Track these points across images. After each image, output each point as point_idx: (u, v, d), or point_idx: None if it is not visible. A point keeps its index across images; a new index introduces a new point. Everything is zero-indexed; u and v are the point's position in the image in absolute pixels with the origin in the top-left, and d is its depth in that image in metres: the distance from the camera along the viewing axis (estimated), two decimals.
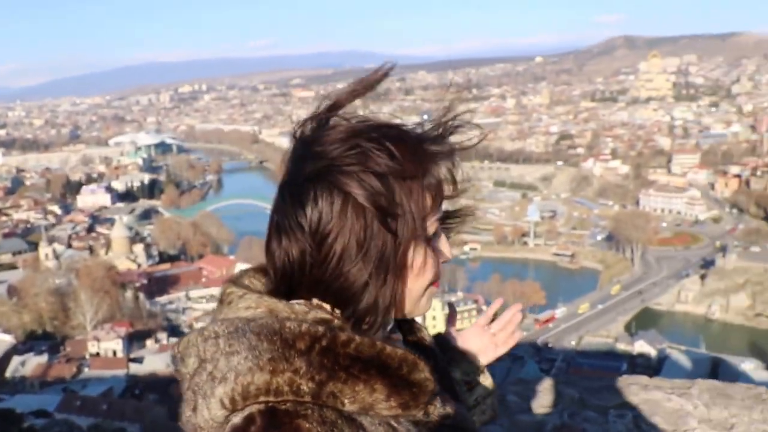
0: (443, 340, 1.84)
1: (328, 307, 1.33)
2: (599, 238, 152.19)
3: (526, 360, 79.03)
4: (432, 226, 1.39)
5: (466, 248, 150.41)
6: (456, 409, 1.36)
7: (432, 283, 1.41)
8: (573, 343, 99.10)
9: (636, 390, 5.67)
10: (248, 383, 1.18)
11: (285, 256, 1.33)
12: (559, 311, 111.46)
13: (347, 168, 1.28)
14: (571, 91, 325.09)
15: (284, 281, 1.35)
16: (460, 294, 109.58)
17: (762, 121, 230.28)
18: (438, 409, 1.31)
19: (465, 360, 1.82)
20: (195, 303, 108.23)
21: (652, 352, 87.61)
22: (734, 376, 71.28)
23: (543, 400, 5.62)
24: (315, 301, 1.33)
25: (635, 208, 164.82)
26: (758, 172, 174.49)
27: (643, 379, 5.97)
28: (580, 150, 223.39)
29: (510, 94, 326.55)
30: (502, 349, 1.92)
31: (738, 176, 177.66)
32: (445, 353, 1.77)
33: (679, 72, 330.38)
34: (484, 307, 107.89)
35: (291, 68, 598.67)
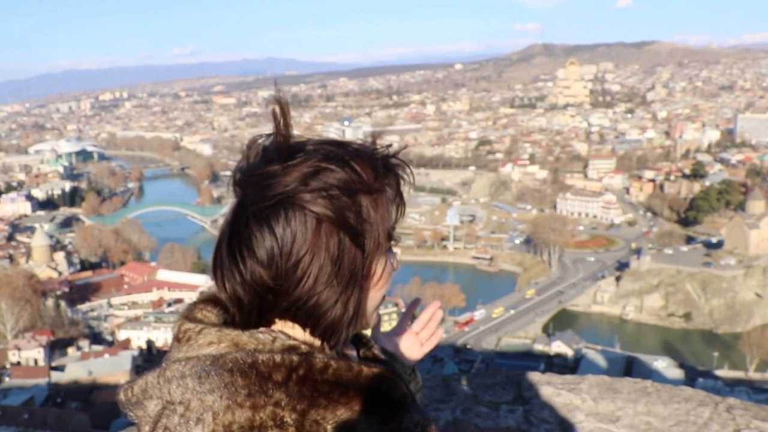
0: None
1: (294, 329, 1.32)
2: (517, 241, 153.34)
3: (446, 361, 79.11)
4: (389, 239, 1.40)
5: None
6: (424, 415, 1.38)
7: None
8: (492, 344, 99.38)
9: (528, 386, 5.74)
10: (230, 422, 1.15)
11: (251, 282, 1.27)
12: (478, 313, 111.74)
13: (314, 188, 1.25)
14: (490, 97, 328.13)
15: (249, 308, 1.31)
16: None
17: (675, 127, 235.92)
18: (409, 418, 1.34)
19: (396, 361, 1.82)
20: (117, 310, 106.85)
21: (569, 352, 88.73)
22: (647, 373, 72.09)
23: (436, 396, 5.55)
24: (277, 326, 1.33)
25: (553, 212, 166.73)
26: (672, 177, 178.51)
27: (535, 375, 5.99)
28: (498, 155, 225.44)
29: (430, 100, 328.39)
30: (427, 347, 1.91)
31: (652, 181, 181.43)
32: None
33: (595, 79, 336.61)
34: (403, 311, 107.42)
35: (212, 75, 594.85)
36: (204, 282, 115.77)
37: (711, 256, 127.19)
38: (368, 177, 1.31)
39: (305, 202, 1.24)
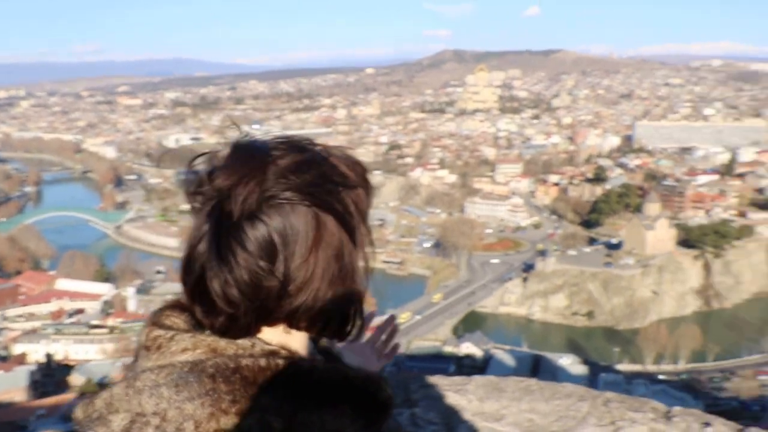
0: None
1: (291, 334, 1.28)
2: (427, 245, 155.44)
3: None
4: (365, 238, 1.32)
5: None
6: (396, 420, 1.46)
7: None
8: (402, 347, 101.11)
9: (415, 388, 5.85)
10: (215, 430, 1.12)
11: (249, 286, 1.18)
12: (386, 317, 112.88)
13: (303, 182, 1.21)
14: (401, 102, 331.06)
15: (245, 314, 1.21)
16: None
17: (579, 133, 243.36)
18: (387, 423, 1.30)
19: None
20: (12, 323, 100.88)
21: (478, 352, 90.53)
22: (554, 371, 75.53)
23: None
24: (265, 333, 1.26)
25: (461, 215, 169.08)
26: (575, 181, 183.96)
27: (423, 377, 6.18)
28: (408, 159, 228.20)
29: (341, 104, 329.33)
30: (384, 361, 1.89)
31: (557, 184, 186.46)
32: None
33: (504, 85, 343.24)
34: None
35: (117, 75, 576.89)
36: (107, 291, 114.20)
37: (611, 256, 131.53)
38: (350, 172, 1.30)
39: (299, 197, 1.20)
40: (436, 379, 6.01)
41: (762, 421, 64.94)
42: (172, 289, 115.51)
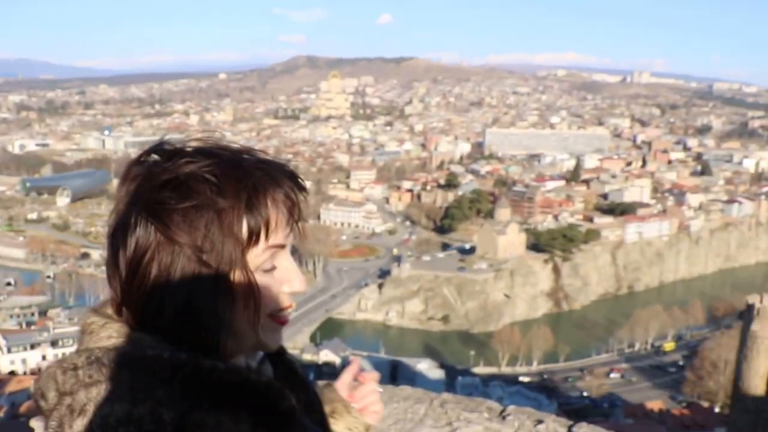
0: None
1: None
2: None
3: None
4: (260, 256, 1.30)
5: None
6: None
7: (273, 315, 1.36)
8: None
9: None
10: (107, 414, 1.13)
11: (118, 294, 1.29)
12: None
13: (162, 201, 1.23)
14: (254, 108, 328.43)
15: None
16: None
17: (431, 139, 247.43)
18: None
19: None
20: None
21: (337, 359, 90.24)
22: (412, 376, 75.86)
23: None
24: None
25: (317, 222, 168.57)
26: (428, 187, 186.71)
27: None
28: None
29: (193, 110, 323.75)
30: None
31: (410, 191, 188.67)
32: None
33: (356, 92, 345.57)
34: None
35: None
36: None
37: (465, 261, 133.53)
38: (224, 194, 1.25)
39: (150, 214, 1.23)
40: None
41: (611, 418, 67.47)
42: (20, 302, 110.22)
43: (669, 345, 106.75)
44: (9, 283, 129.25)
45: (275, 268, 1.35)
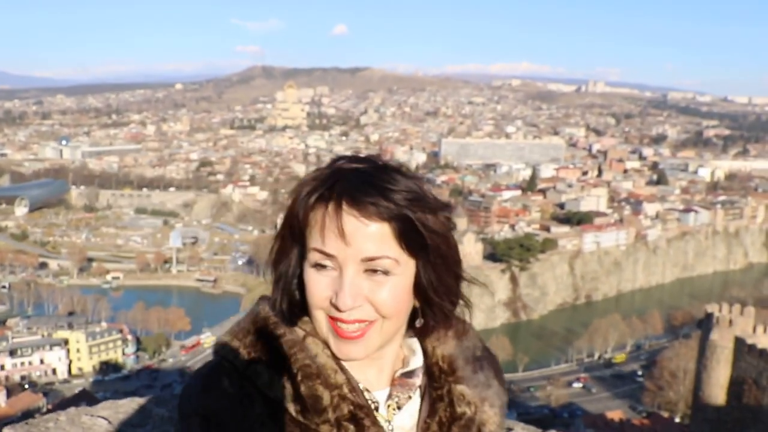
0: None
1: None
2: (240, 262, 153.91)
3: (175, 387, 77.89)
4: (313, 253, 1.42)
5: (108, 277, 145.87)
6: None
7: (332, 317, 1.43)
8: None
9: None
10: (219, 340, 1.54)
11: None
12: (205, 336, 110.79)
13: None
14: (210, 118, 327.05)
15: None
16: (104, 324, 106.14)
17: (386, 149, 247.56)
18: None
19: None
20: None
21: None
22: None
23: (133, 420, 5.50)
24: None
25: (274, 232, 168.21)
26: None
27: None
28: (220, 176, 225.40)
29: (150, 120, 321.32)
30: None
31: None
32: None
33: (312, 102, 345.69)
34: (129, 337, 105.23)
35: None
36: None
37: None
38: (302, 189, 1.44)
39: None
40: None
41: (570, 428, 68.20)
42: None
43: (620, 357, 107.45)
44: (3, 286, 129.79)
45: (325, 269, 1.42)
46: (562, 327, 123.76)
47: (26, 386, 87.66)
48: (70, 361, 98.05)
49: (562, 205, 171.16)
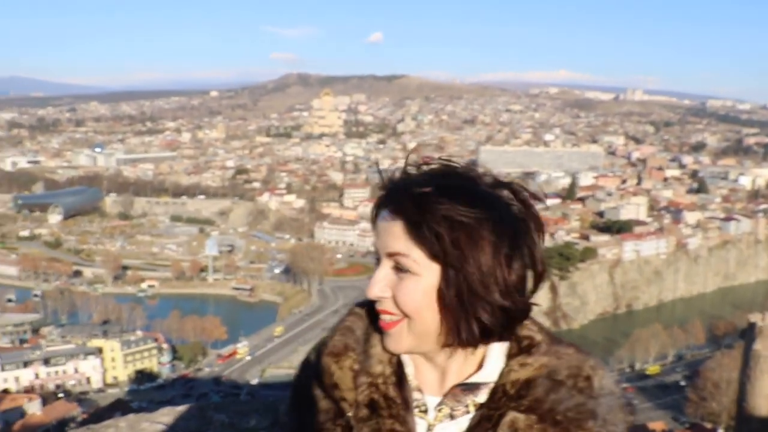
0: None
1: None
2: (277, 270, 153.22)
3: (211, 396, 76.93)
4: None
5: (144, 285, 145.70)
6: None
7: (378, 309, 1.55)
8: (256, 376, 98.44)
9: (286, 410, 5.70)
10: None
11: None
12: (241, 345, 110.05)
13: None
14: (246, 125, 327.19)
15: None
16: (139, 333, 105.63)
17: (426, 158, 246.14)
18: None
19: None
20: None
21: None
22: None
23: (192, 426, 5.50)
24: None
25: (311, 240, 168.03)
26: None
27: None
28: (256, 184, 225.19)
29: (185, 127, 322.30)
30: None
31: None
32: None
33: (349, 110, 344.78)
34: (164, 346, 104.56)
35: None
36: None
37: None
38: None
39: None
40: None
41: None
42: (13, 320, 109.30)
43: (653, 368, 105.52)
44: (10, 300, 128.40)
45: (377, 264, 1.54)
46: (602, 337, 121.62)
47: (61, 395, 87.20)
48: (105, 370, 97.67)
49: (601, 214, 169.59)
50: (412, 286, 1.45)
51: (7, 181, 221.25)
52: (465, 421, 1.53)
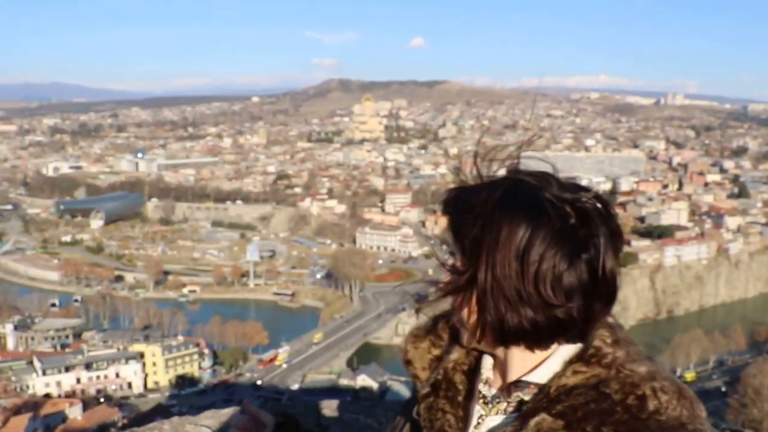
0: None
1: None
2: (319, 276, 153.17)
3: (252, 401, 76.34)
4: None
5: (185, 290, 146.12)
6: None
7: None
8: (298, 381, 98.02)
9: (327, 415, 6.04)
10: None
11: None
12: (282, 350, 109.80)
13: None
14: (287, 131, 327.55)
15: None
16: (180, 338, 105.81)
17: (466, 163, 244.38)
18: None
19: None
20: None
21: (374, 385, 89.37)
22: None
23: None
24: None
25: (352, 246, 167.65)
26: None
27: (333, 403, 6.44)
28: (297, 189, 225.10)
29: (227, 133, 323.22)
30: None
31: None
32: None
33: (390, 115, 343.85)
34: (205, 351, 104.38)
35: None
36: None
37: None
38: None
39: None
40: (346, 405, 6.46)
41: None
42: (55, 325, 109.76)
43: (690, 375, 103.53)
44: (53, 304, 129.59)
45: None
46: (643, 342, 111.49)
47: (102, 400, 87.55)
48: (146, 375, 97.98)
49: (642, 219, 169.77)
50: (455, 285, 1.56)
51: (49, 187, 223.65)
52: (511, 416, 1.57)
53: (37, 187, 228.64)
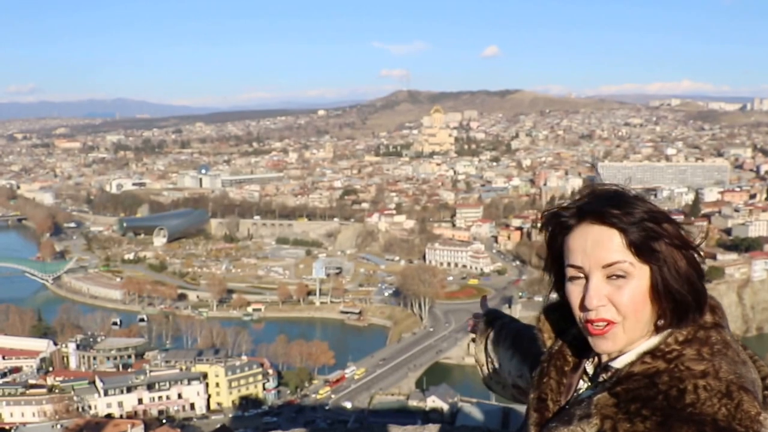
0: None
1: None
2: (387, 293, 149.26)
3: (318, 423, 74.26)
4: (568, 269, 1.86)
5: (249, 309, 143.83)
6: None
7: (583, 321, 1.84)
8: (364, 402, 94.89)
9: None
10: None
11: None
12: (349, 371, 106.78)
13: None
14: (354, 145, 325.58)
15: None
16: (244, 357, 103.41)
17: (540, 175, 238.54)
18: None
19: None
20: None
21: (445, 406, 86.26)
22: None
23: None
24: None
25: (422, 262, 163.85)
26: (538, 225, 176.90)
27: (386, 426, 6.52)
28: (364, 205, 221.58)
29: (292, 147, 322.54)
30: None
31: (519, 229, 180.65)
32: None
33: (460, 127, 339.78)
34: (270, 371, 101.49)
35: (54, 116, 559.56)
36: (45, 347, 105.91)
37: None
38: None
39: None
40: (396, 428, 6.48)
41: None
42: (117, 344, 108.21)
43: None
44: (115, 323, 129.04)
45: (577, 280, 1.85)
46: None
47: (164, 421, 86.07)
48: (209, 396, 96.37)
49: (728, 231, 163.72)
50: (634, 292, 1.74)
51: (112, 204, 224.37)
52: (591, 392, 1.88)
53: (100, 205, 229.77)
